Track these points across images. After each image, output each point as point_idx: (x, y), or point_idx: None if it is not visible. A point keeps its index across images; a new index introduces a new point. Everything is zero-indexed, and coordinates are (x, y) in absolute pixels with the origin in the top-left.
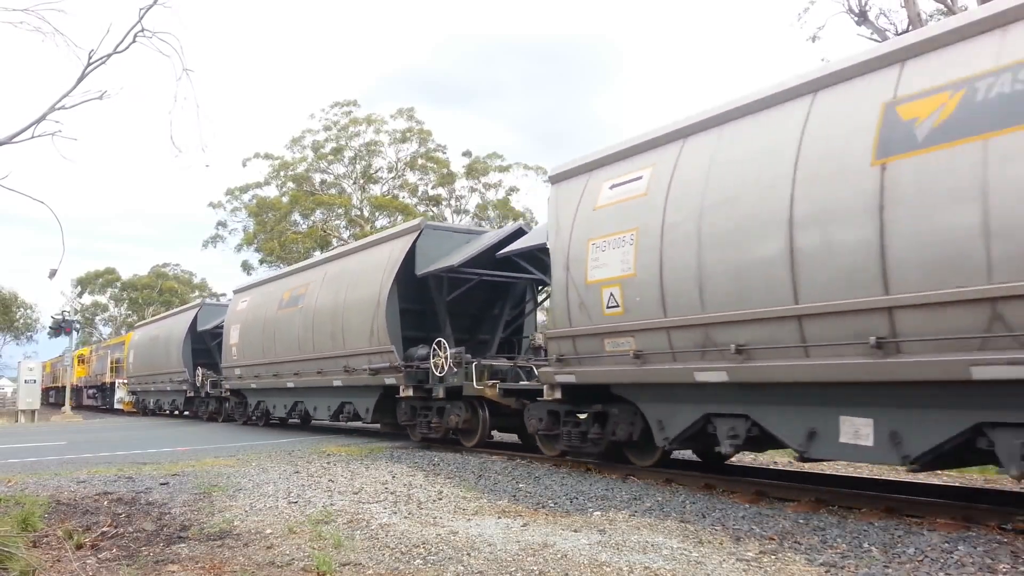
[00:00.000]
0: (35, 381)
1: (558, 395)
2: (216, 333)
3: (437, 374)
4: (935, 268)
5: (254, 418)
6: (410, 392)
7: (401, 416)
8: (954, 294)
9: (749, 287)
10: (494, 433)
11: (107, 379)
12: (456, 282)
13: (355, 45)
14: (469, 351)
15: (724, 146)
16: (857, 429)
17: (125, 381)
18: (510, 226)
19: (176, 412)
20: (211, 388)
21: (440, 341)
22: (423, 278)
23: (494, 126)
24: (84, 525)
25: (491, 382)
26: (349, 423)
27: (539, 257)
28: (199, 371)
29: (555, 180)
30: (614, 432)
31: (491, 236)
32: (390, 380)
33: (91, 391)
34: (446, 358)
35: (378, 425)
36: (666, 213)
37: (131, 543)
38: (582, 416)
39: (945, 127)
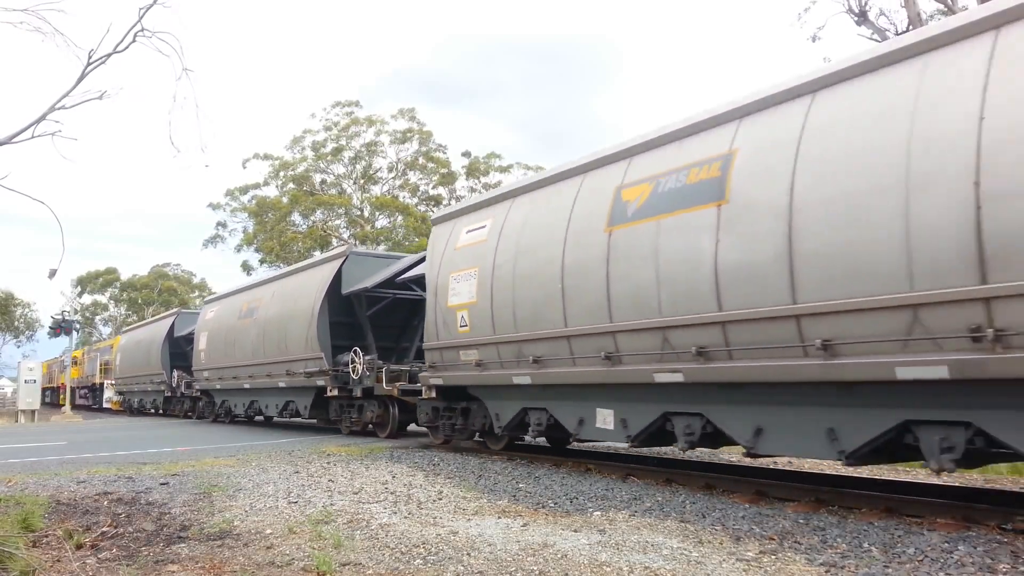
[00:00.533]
0: (35, 381)
1: (434, 394)
2: (190, 339)
3: (355, 377)
4: (635, 305)
5: (221, 415)
6: (336, 392)
7: (331, 413)
8: (643, 324)
9: (542, 315)
10: (412, 426)
11: (97, 380)
12: (375, 299)
13: (355, 45)
14: (394, 357)
15: (535, 207)
16: (605, 417)
17: (113, 382)
18: (420, 254)
19: (157, 411)
20: (185, 388)
21: (356, 350)
22: (350, 295)
23: (494, 126)
24: (84, 525)
25: (397, 384)
26: (292, 419)
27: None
28: (175, 373)
29: (435, 223)
30: (474, 423)
31: (404, 261)
32: (321, 382)
33: (83, 391)
34: (361, 364)
35: (315, 420)
36: (496, 256)
37: (131, 543)
38: (455, 410)
39: (643, 208)
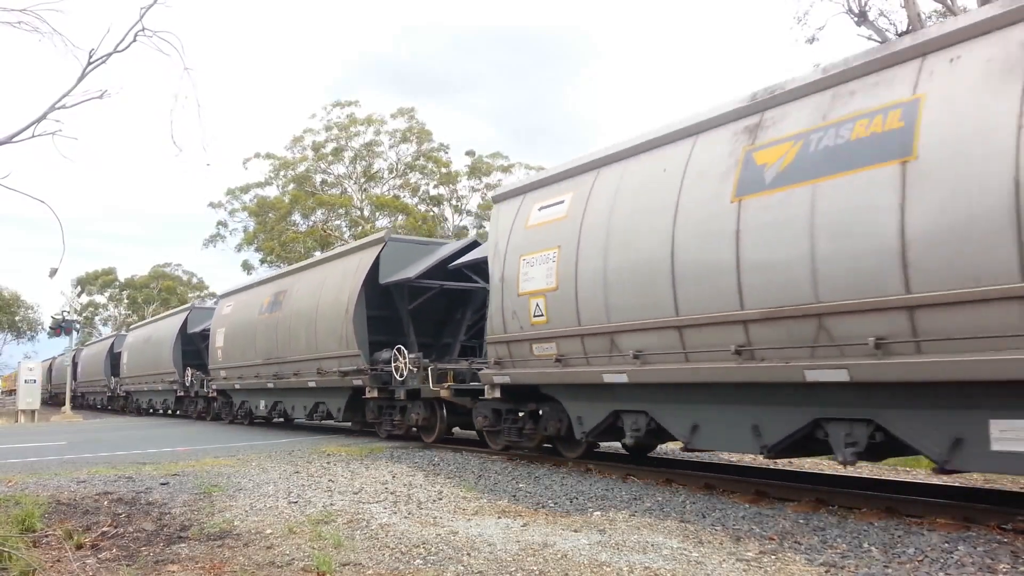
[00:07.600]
0: (35, 381)
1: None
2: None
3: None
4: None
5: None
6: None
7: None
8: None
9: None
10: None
11: None
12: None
13: (325, 37)
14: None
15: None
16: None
17: None
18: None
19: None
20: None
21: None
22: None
23: (469, 119)
24: (84, 525)
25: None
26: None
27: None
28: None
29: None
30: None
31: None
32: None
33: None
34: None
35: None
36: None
37: (131, 543)
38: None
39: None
